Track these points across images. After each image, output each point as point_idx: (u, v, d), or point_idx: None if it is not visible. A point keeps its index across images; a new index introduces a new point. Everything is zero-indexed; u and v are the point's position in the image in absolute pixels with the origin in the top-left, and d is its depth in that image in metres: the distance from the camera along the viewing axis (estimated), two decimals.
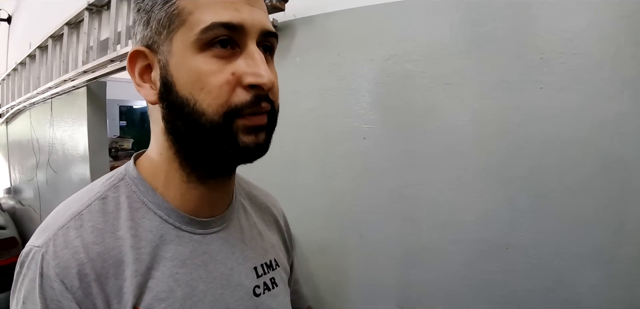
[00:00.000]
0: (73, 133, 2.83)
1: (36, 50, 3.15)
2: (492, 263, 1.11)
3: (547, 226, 1.06)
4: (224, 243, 0.61)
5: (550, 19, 1.04)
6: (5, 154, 4.52)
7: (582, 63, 1.01)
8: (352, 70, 1.27)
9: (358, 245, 1.30)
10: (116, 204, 0.54)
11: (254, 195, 0.76)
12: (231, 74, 0.50)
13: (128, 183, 0.57)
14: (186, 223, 0.57)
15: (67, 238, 0.49)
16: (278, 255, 0.72)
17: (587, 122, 1.01)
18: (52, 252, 0.48)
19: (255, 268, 0.65)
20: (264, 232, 0.72)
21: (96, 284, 0.48)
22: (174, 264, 0.54)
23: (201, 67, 0.50)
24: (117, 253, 0.51)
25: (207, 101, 0.50)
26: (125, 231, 0.53)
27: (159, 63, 0.53)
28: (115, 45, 2.09)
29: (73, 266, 0.47)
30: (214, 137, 0.51)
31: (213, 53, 0.50)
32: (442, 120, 1.15)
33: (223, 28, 0.49)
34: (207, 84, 0.50)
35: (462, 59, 1.12)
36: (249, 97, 0.51)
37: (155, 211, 0.56)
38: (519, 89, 1.07)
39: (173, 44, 0.51)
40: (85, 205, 0.53)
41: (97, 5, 2.31)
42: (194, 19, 0.50)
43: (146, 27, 0.53)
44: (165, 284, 0.53)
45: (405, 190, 1.22)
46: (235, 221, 0.65)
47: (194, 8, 0.50)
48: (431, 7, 1.15)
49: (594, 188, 1.01)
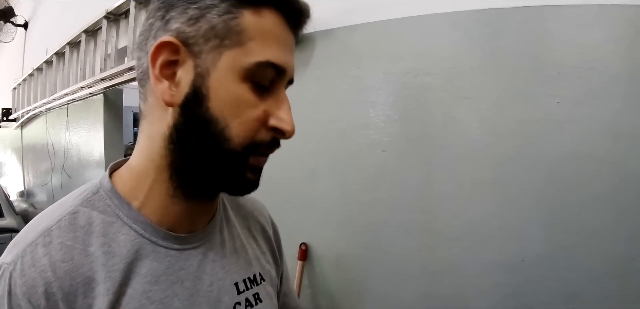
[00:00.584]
0: (89, 138, 2.87)
1: (53, 56, 3.19)
2: (508, 276, 1.11)
3: (562, 239, 1.06)
4: (203, 258, 0.58)
5: (567, 33, 1.05)
6: (20, 158, 4.57)
7: (598, 78, 1.02)
8: (372, 83, 1.28)
9: (376, 256, 1.31)
10: (88, 219, 0.51)
11: (239, 203, 0.72)
12: (263, 112, 0.50)
13: (102, 197, 0.53)
14: (162, 237, 0.54)
15: (34, 256, 0.47)
16: (263, 268, 0.67)
17: (603, 135, 1.02)
18: (20, 270, 0.46)
19: (236, 283, 0.61)
20: (248, 244, 0.67)
21: (64, 303, 0.46)
22: (147, 281, 0.51)
23: (242, 96, 0.49)
24: (86, 270, 0.48)
25: (237, 130, 0.49)
26: (97, 248, 0.50)
27: (195, 68, 0.49)
28: (133, 53, 2.12)
29: (40, 285, 0.46)
30: (226, 165, 0.51)
31: (254, 86, 0.49)
32: (460, 133, 1.16)
33: (273, 69, 0.49)
34: (243, 114, 0.49)
35: (480, 73, 1.14)
36: (268, 137, 0.51)
37: (130, 225, 0.52)
38: (536, 103, 1.08)
39: (221, 59, 0.48)
40: (55, 220, 0.50)
41: (115, 13, 2.34)
42: (252, 47, 0.48)
43: (191, 23, 0.49)
44: (138, 302, 0.50)
45: (423, 202, 1.23)
46: (217, 235, 0.61)
47: (255, 35, 0.49)
48: (450, 21, 1.17)
49: (609, 201, 1.02)
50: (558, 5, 1.06)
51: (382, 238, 1.30)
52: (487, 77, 1.13)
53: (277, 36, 0.50)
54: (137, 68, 0.55)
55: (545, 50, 1.07)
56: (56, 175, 3.39)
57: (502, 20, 1.11)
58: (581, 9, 1.03)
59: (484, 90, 1.13)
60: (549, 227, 1.07)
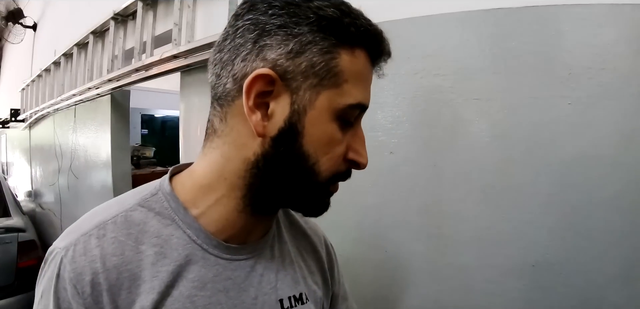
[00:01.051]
0: (96, 139, 2.88)
1: (61, 58, 3.22)
2: (518, 281, 1.09)
3: (573, 243, 1.04)
4: (251, 270, 0.59)
5: (579, 34, 1.03)
6: (28, 158, 4.61)
7: (610, 79, 1.00)
8: (380, 84, 1.25)
9: (383, 260, 1.29)
10: (143, 218, 0.54)
11: (293, 221, 0.74)
12: (346, 146, 0.53)
13: (160, 199, 0.56)
14: (214, 246, 0.55)
15: (87, 246, 0.50)
16: (309, 288, 0.67)
17: (615, 138, 1.00)
18: (71, 257, 0.49)
19: (281, 300, 0.61)
20: (297, 262, 0.68)
21: (108, 294, 0.48)
22: (194, 286, 0.53)
23: (334, 135, 0.51)
24: (134, 267, 0.50)
25: (326, 166, 0.52)
26: (149, 247, 0.52)
27: (291, 105, 0.50)
28: (140, 54, 2.12)
29: (87, 273, 0.48)
30: (312, 194, 0.54)
31: (342, 124, 0.52)
32: (469, 136, 1.14)
33: (360, 109, 0.53)
34: (332, 151, 0.52)
35: (490, 74, 1.12)
36: (345, 168, 0.55)
37: (184, 230, 0.54)
38: (547, 105, 1.06)
39: (318, 99, 0.50)
40: (111, 215, 0.53)
41: (122, 14, 2.35)
42: (347, 89, 0.50)
43: (291, 56, 0.48)
44: (181, 304, 0.51)
45: (431, 206, 1.21)
46: (268, 250, 0.63)
47: (350, 77, 0.50)
48: (459, 22, 1.15)
49: (621, 205, 1.00)
50: (569, 5, 1.03)
51: (389, 241, 1.28)
52: (497, 77, 1.11)
53: (365, 77, 0.53)
54: (215, 85, 0.55)
55: (556, 50, 1.05)
56: (63, 175, 3.42)
57: (512, 19, 1.09)
58: (593, 8, 1.01)
59: (494, 91, 1.11)
60: (559, 231, 1.05)
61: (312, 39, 0.48)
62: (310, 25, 0.48)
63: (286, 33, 0.48)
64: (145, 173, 4.48)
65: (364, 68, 0.52)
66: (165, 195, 0.56)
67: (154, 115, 5.91)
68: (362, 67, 0.52)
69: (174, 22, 1.84)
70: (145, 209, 0.54)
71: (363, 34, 0.50)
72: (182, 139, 1.97)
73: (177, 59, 1.80)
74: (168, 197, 0.56)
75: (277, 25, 0.49)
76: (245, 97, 0.49)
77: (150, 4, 2.12)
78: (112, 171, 2.68)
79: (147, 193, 0.57)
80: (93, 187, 2.96)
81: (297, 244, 0.71)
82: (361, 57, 0.51)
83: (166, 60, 1.84)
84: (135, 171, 4.21)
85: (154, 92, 5.06)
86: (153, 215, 0.54)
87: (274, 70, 0.48)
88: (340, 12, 0.49)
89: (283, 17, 0.48)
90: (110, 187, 2.69)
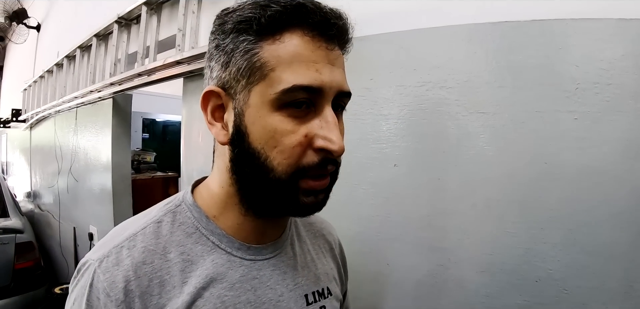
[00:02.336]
0: (96, 142, 2.87)
1: (64, 59, 3.22)
2: (521, 296, 1.08)
3: (577, 259, 1.03)
4: (274, 269, 0.62)
5: (586, 48, 1.03)
6: (28, 159, 4.61)
7: (617, 94, 0.99)
8: (385, 95, 1.26)
9: (384, 273, 1.27)
10: (170, 228, 0.58)
11: (309, 222, 0.78)
12: (304, 136, 0.51)
13: (184, 210, 0.60)
14: (237, 249, 0.59)
15: (119, 257, 0.53)
16: (331, 283, 0.72)
17: (621, 153, 0.99)
18: (104, 267, 0.52)
19: (306, 295, 0.65)
20: (317, 260, 0.72)
21: (140, 300, 0.51)
22: (223, 287, 0.56)
23: (277, 126, 0.51)
24: (164, 273, 0.54)
25: (278, 159, 0.52)
26: (176, 255, 0.56)
27: (234, 110, 0.54)
28: (143, 59, 2.12)
29: (120, 281, 0.51)
30: (277, 192, 0.54)
31: (289, 112, 0.51)
32: (475, 149, 1.13)
33: (303, 91, 0.50)
34: (281, 143, 0.51)
35: (496, 87, 1.11)
36: (317, 159, 0.52)
37: (208, 237, 0.59)
38: (553, 119, 1.05)
39: (251, 96, 0.52)
40: (140, 227, 0.57)
41: (126, 18, 2.35)
42: (275, 77, 0.50)
43: (224, 69, 0.54)
44: (212, 305, 0.55)
45: (434, 219, 1.19)
46: (288, 249, 0.67)
47: (276, 64, 0.50)
48: (466, 34, 1.14)
49: (626, 221, 0.99)
50: (576, 19, 1.03)
51: (390, 254, 1.27)
52: (503, 91, 1.10)
53: (303, 56, 0.51)
54: None
55: (563, 64, 1.05)
56: (63, 177, 3.40)
57: (519, 33, 1.09)
58: (600, 23, 1.01)
59: (500, 105, 1.11)
60: (563, 247, 1.04)
61: (234, 46, 0.52)
62: (232, 33, 0.53)
63: (218, 50, 0.55)
64: (145, 178, 4.46)
65: (297, 48, 0.51)
66: (188, 205, 0.61)
67: (155, 119, 5.91)
68: (293, 49, 0.51)
69: (178, 28, 1.84)
70: (171, 220, 0.59)
71: (281, 15, 0.50)
72: (183, 145, 1.96)
73: (180, 65, 1.80)
74: (191, 208, 0.60)
75: (214, 46, 0.56)
76: (204, 114, 0.57)
77: (155, 8, 2.12)
78: (112, 175, 2.67)
79: (172, 205, 0.61)
80: (93, 190, 2.95)
81: (315, 243, 0.75)
82: (292, 39, 0.51)
83: (169, 65, 1.84)
84: (135, 175, 4.19)
85: (155, 96, 5.06)
86: (178, 224, 0.58)
87: (217, 85, 0.55)
88: (259, 7, 0.51)
89: (217, 38, 0.55)
90: (110, 191, 2.68)
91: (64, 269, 3.55)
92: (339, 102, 0.55)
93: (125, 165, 2.80)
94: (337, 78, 0.53)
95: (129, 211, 2.80)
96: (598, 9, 1.02)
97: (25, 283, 2.97)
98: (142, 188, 4.16)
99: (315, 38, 0.51)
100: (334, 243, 0.81)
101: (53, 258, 3.84)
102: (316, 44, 0.51)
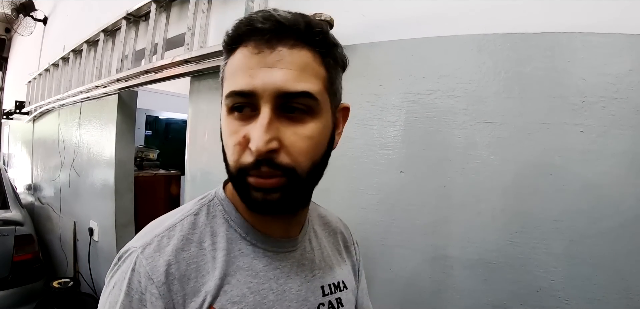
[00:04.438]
0: (100, 138, 2.86)
1: (70, 53, 3.22)
2: (523, 305, 1.09)
3: (579, 271, 1.04)
4: (295, 261, 0.68)
5: (593, 62, 1.04)
6: (30, 151, 4.60)
7: (623, 108, 1.01)
8: (393, 102, 1.26)
9: (387, 279, 1.28)
10: (205, 220, 0.65)
11: (327, 221, 0.84)
12: (243, 137, 0.56)
13: (216, 204, 0.67)
14: (261, 241, 0.65)
15: (160, 244, 0.59)
16: (347, 278, 0.77)
17: (626, 167, 1.00)
18: (147, 253, 0.58)
19: (322, 287, 0.71)
20: (333, 254, 0.78)
21: (178, 282, 0.57)
22: (248, 275, 0.62)
23: (227, 127, 0.58)
24: (200, 260, 0.60)
25: (229, 158, 0.58)
26: (209, 244, 0.62)
27: None
28: (150, 56, 2.12)
29: (162, 265, 0.57)
30: (235, 186, 0.60)
31: (235, 116, 0.57)
32: (481, 158, 1.14)
33: (238, 96, 0.56)
34: (227, 143, 0.58)
35: (503, 98, 1.12)
36: (252, 159, 0.55)
37: (235, 228, 0.65)
38: (559, 131, 1.06)
39: (221, 103, 0.60)
40: (179, 219, 0.63)
41: (135, 15, 2.36)
42: (226, 85, 0.59)
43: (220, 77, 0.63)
44: (239, 290, 0.60)
45: (439, 226, 1.20)
46: (307, 244, 0.72)
47: (227, 76, 0.59)
48: (475, 44, 1.15)
49: (629, 234, 1.00)
50: (585, 33, 1.04)
51: (394, 260, 1.27)
52: (510, 102, 1.11)
53: (241, 65, 0.56)
54: None
55: (571, 77, 1.06)
56: (65, 171, 3.40)
57: (528, 45, 1.10)
58: (608, 37, 1.02)
59: (507, 115, 1.11)
60: (566, 258, 1.05)
61: (222, 62, 0.62)
62: (224, 52, 0.61)
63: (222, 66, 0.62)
64: (148, 175, 4.46)
65: (239, 60, 0.56)
66: (220, 200, 0.67)
67: (159, 116, 5.91)
68: (237, 61, 0.57)
69: (187, 26, 1.84)
70: (206, 212, 0.65)
71: (234, 35, 0.57)
72: (188, 143, 1.96)
73: (188, 64, 1.80)
74: (222, 202, 0.67)
75: None
76: None
77: (164, 6, 2.13)
78: (115, 171, 2.66)
79: (206, 199, 0.68)
80: (94, 185, 2.94)
81: (333, 239, 0.82)
82: (238, 53, 0.57)
83: (177, 64, 1.84)
84: (138, 172, 4.19)
85: (159, 93, 5.06)
86: (212, 217, 0.65)
87: None
88: (234, 27, 0.58)
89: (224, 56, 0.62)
90: (112, 187, 2.67)
91: (62, 263, 3.53)
92: (292, 103, 0.55)
93: (128, 161, 2.79)
94: (273, 79, 0.54)
95: (130, 207, 2.80)
96: (606, 24, 1.03)
97: (23, 276, 2.96)
98: (145, 185, 4.16)
99: (257, 46, 0.55)
100: (349, 241, 0.87)
101: (52, 251, 3.82)
102: (255, 51, 0.55)
